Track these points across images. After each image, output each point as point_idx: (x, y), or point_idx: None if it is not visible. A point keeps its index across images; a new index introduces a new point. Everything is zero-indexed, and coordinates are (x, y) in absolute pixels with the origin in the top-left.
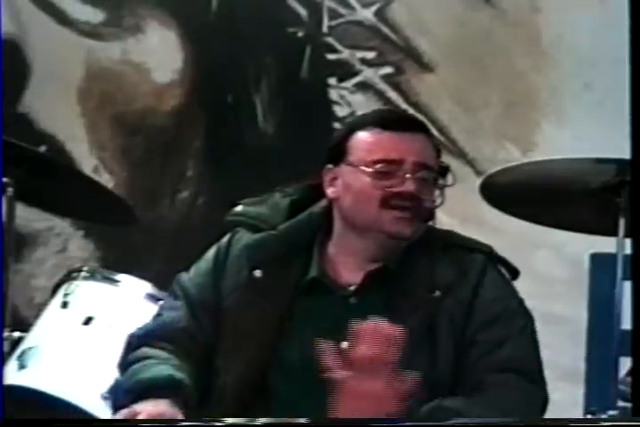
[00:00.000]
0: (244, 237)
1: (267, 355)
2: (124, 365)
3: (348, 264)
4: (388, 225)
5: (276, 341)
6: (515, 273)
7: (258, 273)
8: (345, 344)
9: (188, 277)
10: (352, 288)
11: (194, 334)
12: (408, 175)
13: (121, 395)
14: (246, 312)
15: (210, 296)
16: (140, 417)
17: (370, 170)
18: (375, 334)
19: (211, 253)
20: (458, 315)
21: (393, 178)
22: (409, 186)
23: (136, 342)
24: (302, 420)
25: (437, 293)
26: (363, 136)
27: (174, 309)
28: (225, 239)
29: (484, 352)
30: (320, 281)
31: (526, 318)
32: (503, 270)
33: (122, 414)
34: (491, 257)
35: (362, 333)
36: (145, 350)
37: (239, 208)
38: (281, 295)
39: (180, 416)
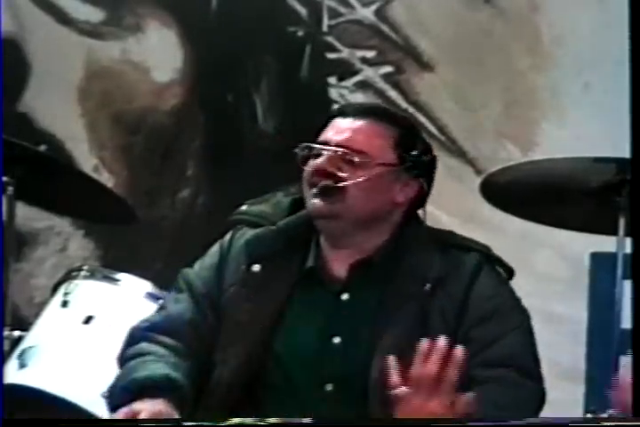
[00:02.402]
0: (247, 233)
1: (262, 350)
2: (123, 358)
3: (336, 258)
4: (308, 203)
5: (272, 336)
6: (510, 273)
7: (256, 268)
8: (337, 340)
9: (193, 271)
10: (342, 283)
11: (198, 327)
12: (323, 153)
13: (117, 393)
14: (243, 307)
15: (213, 290)
16: (140, 417)
17: (311, 153)
18: (441, 354)
19: (214, 248)
20: (449, 310)
21: (319, 158)
22: (320, 162)
23: (139, 335)
24: (307, 420)
25: (428, 286)
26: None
27: (179, 301)
28: (227, 236)
29: (478, 349)
30: (315, 273)
31: (522, 316)
32: (499, 270)
33: (121, 414)
34: (486, 256)
35: (429, 351)
36: (143, 346)
37: (243, 207)
38: (278, 290)
39: (176, 416)
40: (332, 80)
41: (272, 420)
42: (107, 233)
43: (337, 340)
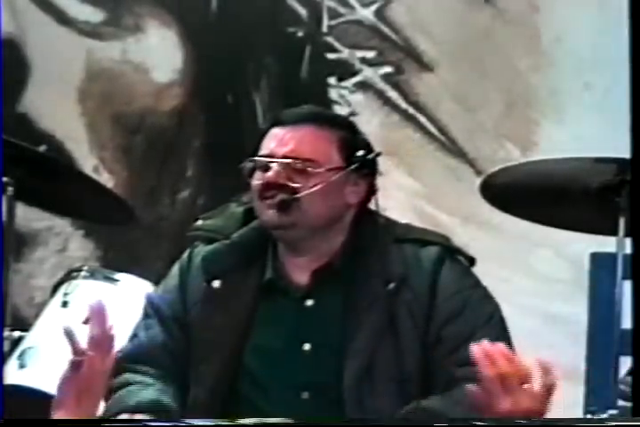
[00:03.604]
0: (203, 249)
1: (234, 365)
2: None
3: (296, 265)
4: (261, 216)
5: (241, 348)
6: (472, 261)
7: (216, 284)
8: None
9: (157, 295)
10: (305, 290)
11: (171, 350)
12: (272, 165)
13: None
14: (209, 323)
15: (179, 311)
16: None
17: (256, 165)
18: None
19: (174, 269)
20: (416, 308)
21: (267, 171)
22: (271, 175)
23: (116, 367)
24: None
25: (392, 285)
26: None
27: (149, 327)
28: (185, 254)
29: (453, 347)
30: (276, 283)
31: (491, 306)
32: (461, 259)
33: None
34: (446, 248)
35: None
36: (126, 377)
37: (198, 222)
38: (241, 303)
39: None
40: (332, 80)
41: (273, 420)
42: (107, 233)
43: (307, 347)
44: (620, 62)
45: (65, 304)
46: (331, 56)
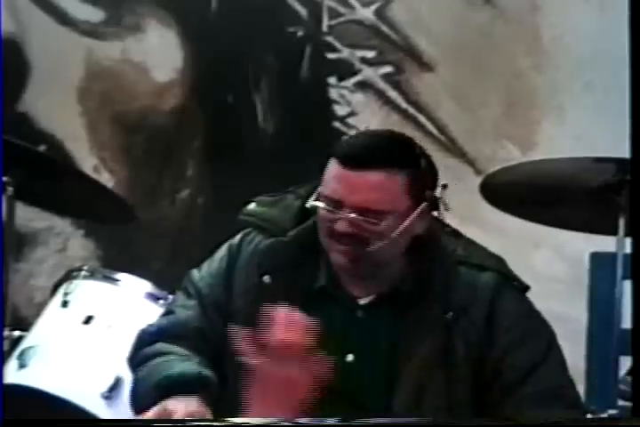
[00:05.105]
0: (255, 239)
1: None
2: (138, 360)
3: (356, 284)
4: (332, 255)
5: None
6: (526, 288)
7: (267, 279)
8: (350, 357)
9: (200, 276)
10: (362, 302)
11: (206, 335)
12: (343, 217)
13: (146, 391)
14: (255, 318)
15: (221, 297)
16: (175, 417)
17: (320, 203)
18: (287, 321)
19: (222, 252)
20: (473, 336)
21: (336, 214)
22: (342, 227)
23: (148, 338)
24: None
25: (450, 314)
26: (329, 167)
27: (187, 308)
28: (236, 239)
29: (520, 378)
30: (328, 291)
31: (549, 330)
32: (516, 286)
33: (153, 413)
34: (502, 276)
35: (275, 319)
36: (163, 346)
37: (252, 207)
38: (289, 302)
39: (209, 415)
40: (332, 80)
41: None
42: (107, 233)
43: (350, 357)
44: (620, 62)
45: (65, 304)
46: (331, 56)
